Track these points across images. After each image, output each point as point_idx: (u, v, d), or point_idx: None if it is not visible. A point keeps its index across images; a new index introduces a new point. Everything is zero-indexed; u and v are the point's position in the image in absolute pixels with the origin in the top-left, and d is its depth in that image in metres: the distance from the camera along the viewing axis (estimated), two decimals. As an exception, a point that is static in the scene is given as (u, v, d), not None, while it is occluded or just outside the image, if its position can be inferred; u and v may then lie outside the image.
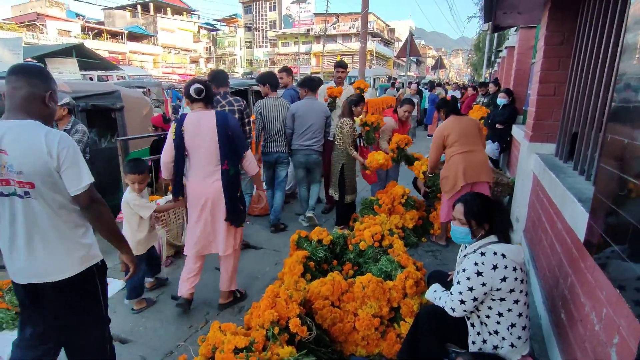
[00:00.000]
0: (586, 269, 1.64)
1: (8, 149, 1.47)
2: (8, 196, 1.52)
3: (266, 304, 2.05)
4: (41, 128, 1.52)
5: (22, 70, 1.58)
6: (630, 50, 1.29)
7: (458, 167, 3.49)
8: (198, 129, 2.56)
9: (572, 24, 3.01)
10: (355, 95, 4.29)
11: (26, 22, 35.68)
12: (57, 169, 1.51)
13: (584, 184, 2.16)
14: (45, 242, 1.58)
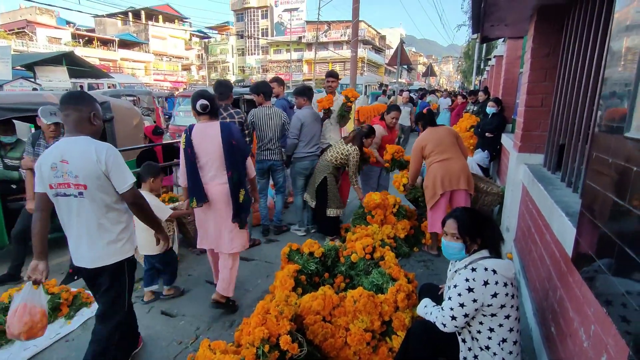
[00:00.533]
0: (574, 283, 1.65)
1: (68, 159, 1.89)
2: (68, 196, 1.93)
3: (256, 321, 2.02)
4: (91, 142, 1.93)
5: (70, 99, 1.96)
6: (612, 68, 1.31)
7: (436, 176, 3.63)
8: (204, 139, 2.76)
9: (558, 37, 3.07)
10: (367, 127, 4.37)
11: (15, 29, 35.39)
12: (106, 173, 1.91)
13: (572, 197, 2.19)
14: (89, 235, 1.98)
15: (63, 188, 1.91)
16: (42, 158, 1.93)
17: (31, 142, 3.38)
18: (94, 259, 2.01)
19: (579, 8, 2.58)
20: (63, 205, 1.95)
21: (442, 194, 3.61)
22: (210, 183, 2.82)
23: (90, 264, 2.01)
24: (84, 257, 2.02)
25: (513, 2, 3.03)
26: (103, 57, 37.49)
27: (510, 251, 3.55)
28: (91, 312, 2.99)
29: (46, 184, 1.93)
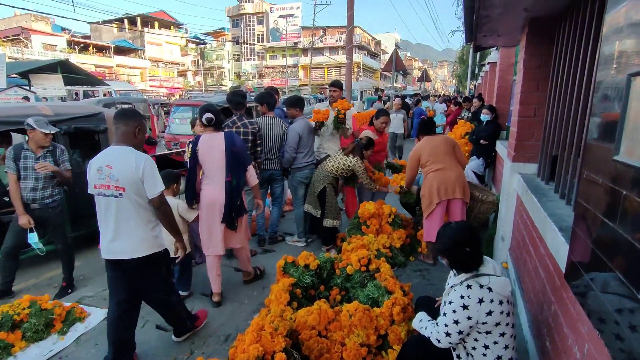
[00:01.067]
0: (568, 300, 1.65)
1: (112, 165, 2.23)
2: (108, 196, 2.25)
3: (251, 339, 2.01)
4: (133, 152, 2.28)
5: (122, 115, 2.34)
6: (601, 89, 1.32)
7: (432, 185, 3.65)
8: (209, 148, 3.12)
9: (549, 48, 3.10)
10: (366, 139, 4.38)
11: (10, 36, 35.28)
12: (142, 179, 2.24)
13: (565, 209, 2.20)
14: (126, 230, 2.30)
15: (103, 189, 2.25)
16: (91, 162, 2.30)
17: (13, 157, 3.24)
18: (132, 251, 2.32)
19: (570, 20, 2.61)
20: (102, 203, 2.29)
21: (438, 203, 3.62)
22: (214, 189, 3.15)
23: (129, 255, 2.32)
24: (123, 250, 2.32)
25: (504, 15, 3.05)
26: (99, 64, 37.43)
27: (506, 260, 3.55)
28: (85, 327, 2.97)
29: (91, 184, 2.28)
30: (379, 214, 4.19)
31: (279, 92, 5.47)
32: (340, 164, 4.15)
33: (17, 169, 3.24)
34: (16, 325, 2.75)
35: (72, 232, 4.09)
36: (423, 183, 3.81)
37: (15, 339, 2.67)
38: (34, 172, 3.26)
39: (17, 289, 3.62)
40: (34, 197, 3.29)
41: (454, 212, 3.68)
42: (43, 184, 3.32)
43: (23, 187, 3.27)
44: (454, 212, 3.68)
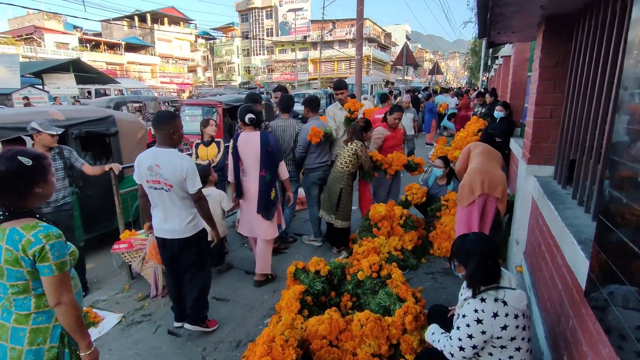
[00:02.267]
0: (588, 317, 1.59)
1: (160, 165, 2.61)
2: (159, 189, 2.67)
3: (262, 351, 2.00)
4: (176, 153, 2.68)
5: (158, 120, 2.68)
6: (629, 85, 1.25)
7: (476, 176, 3.51)
8: (247, 145, 3.51)
9: (567, 45, 2.98)
10: (363, 121, 4.33)
11: (24, 35, 35.81)
12: (185, 177, 2.63)
13: (583, 219, 2.12)
14: (174, 216, 2.73)
15: (155, 184, 2.66)
16: (140, 159, 2.69)
17: None
18: (178, 232, 2.75)
19: (590, 17, 2.50)
20: (155, 194, 2.72)
21: (480, 194, 3.50)
22: (251, 182, 3.56)
23: (178, 235, 2.75)
24: (173, 230, 2.75)
25: (520, 12, 2.95)
26: (110, 61, 37.80)
27: (520, 264, 3.48)
28: (98, 332, 3.00)
29: (143, 179, 2.69)
30: (390, 215, 4.14)
31: (287, 89, 5.45)
32: (346, 157, 4.10)
33: None
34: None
35: (85, 234, 4.15)
36: (466, 174, 3.67)
37: (30, 344, 2.71)
38: None
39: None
40: (47, 200, 3.32)
41: (489, 210, 3.57)
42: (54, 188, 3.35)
43: None
44: (489, 211, 3.58)
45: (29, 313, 1.58)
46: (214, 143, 4.38)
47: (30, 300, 1.59)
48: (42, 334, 1.59)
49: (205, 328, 2.99)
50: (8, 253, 1.50)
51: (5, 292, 1.58)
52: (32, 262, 1.51)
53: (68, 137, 4.02)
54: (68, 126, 4.02)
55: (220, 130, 6.68)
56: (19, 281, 1.55)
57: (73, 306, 1.60)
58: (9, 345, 1.56)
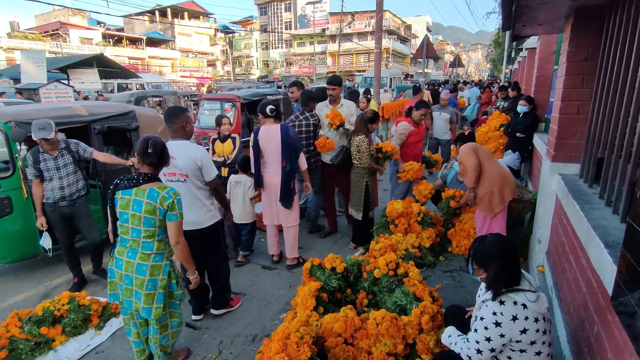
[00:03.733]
0: (614, 324, 1.53)
1: (176, 157, 2.70)
2: (175, 182, 2.77)
3: (277, 347, 2.01)
4: (190, 144, 2.81)
5: (169, 114, 2.80)
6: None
7: (504, 184, 3.44)
8: (268, 137, 3.65)
9: (597, 39, 2.85)
10: (371, 112, 4.23)
11: (50, 31, 36.83)
12: (200, 167, 2.77)
13: (611, 220, 2.03)
14: (192, 207, 2.81)
15: (170, 176, 2.78)
16: None
17: (32, 162, 3.32)
18: (197, 223, 2.85)
19: (622, 8, 2.38)
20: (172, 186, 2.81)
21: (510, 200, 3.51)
22: (272, 173, 3.73)
23: (198, 226, 2.86)
24: (193, 222, 2.82)
25: (547, 4, 2.83)
26: (132, 56, 38.51)
27: (542, 264, 3.38)
28: (119, 323, 3.07)
29: (161, 173, 2.67)
30: (408, 212, 4.09)
31: (303, 85, 5.42)
32: (353, 153, 4.05)
33: (40, 172, 3.34)
34: (56, 320, 2.89)
35: (106, 228, 4.25)
36: (490, 179, 3.47)
37: (55, 333, 2.81)
38: (57, 172, 3.38)
39: (56, 283, 3.83)
40: (63, 195, 3.41)
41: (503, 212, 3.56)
42: (68, 182, 3.43)
43: (50, 188, 3.38)
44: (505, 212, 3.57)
45: (150, 253, 2.23)
46: (229, 139, 4.41)
47: (154, 243, 2.24)
48: (157, 269, 2.25)
49: (230, 308, 3.23)
50: (148, 205, 2.15)
51: (139, 235, 2.21)
52: (165, 211, 2.18)
53: (90, 132, 4.12)
54: (91, 121, 4.12)
55: (238, 124, 6.72)
56: (151, 227, 2.20)
57: (185, 245, 2.30)
58: (134, 275, 2.21)
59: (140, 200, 2.15)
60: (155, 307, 2.24)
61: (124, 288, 2.26)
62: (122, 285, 2.27)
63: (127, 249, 2.24)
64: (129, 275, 2.22)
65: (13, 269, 4.15)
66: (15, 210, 3.62)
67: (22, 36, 34.61)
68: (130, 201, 2.17)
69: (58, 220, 3.49)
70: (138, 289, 2.22)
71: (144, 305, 2.22)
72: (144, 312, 2.24)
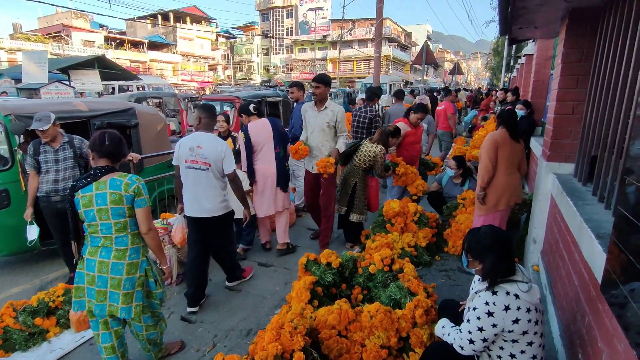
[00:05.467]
0: (604, 313, 1.55)
1: (203, 146, 2.97)
2: (196, 169, 2.99)
3: (270, 337, 2.01)
4: (216, 137, 3.09)
5: (205, 109, 3.09)
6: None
7: (505, 191, 3.41)
8: (259, 130, 3.92)
9: (592, 40, 2.90)
10: (393, 127, 4.38)
11: (52, 33, 37.00)
12: (222, 158, 3.00)
13: (603, 214, 2.06)
14: (209, 195, 3.04)
15: (193, 164, 2.98)
16: (183, 141, 3.04)
17: (32, 153, 3.33)
18: (212, 210, 3.05)
19: (615, 11, 2.42)
20: (191, 174, 3.01)
21: (503, 209, 3.47)
22: (267, 162, 3.94)
23: (208, 214, 3.05)
24: (204, 209, 3.04)
25: (543, 6, 2.88)
26: (133, 59, 38.66)
27: (537, 263, 3.40)
28: (114, 316, 3.06)
29: (182, 159, 3.01)
30: (404, 212, 4.11)
31: (304, 86, 5.45)
32: (366, 155, 4.08)
33: (38, 164, 3.35)
34: (51, 312, 2.89)
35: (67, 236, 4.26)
36: (493, 183, 3.43)
37: (50, 324, 2.81)
38: (55, 165, 3.38)
39: (52, 277, 3.82)
40: (56, 188, 3.39)
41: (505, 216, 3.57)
42: (64, 176, 3.42)
43: (45, 180, 3.37)
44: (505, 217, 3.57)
45: (125, 248, 2.15)
46: (230, 137, 4.43)
47: (128, 237, 2.17)
48: (134, 267, 2.18)
49: (243, 279, 3.60)
50: (113, 195, 2.08)
51: (110, 231, 2.12)
52: (132, 197, 2.11)
53: (90, 127, 4.14)
54: (90, 117, 4.14)
55: (237, 124, 6.76)
56: (121, 218, 2.11)
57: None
58: (109, 275, 2.12)
59: (103, 192, 2.08)
60: (134, 306, 2.17)
61: (95, 292, 2.13)
62: (92, 289, 2.13)
63: (100, 249, 2.14)
64: (103, 276, 2.11)
65: (9, 263, 4.15)
66: (12, 203, 3.63)
67: (24, 38, 34.76)
68: (92, 197, 2.08)
69: (52, 215, 3.46)
70: (115, 289, 2.12)
71: (122, 306, 2.13)
72: (123, 312, 2.14)
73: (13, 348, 2.64)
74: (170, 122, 9.70)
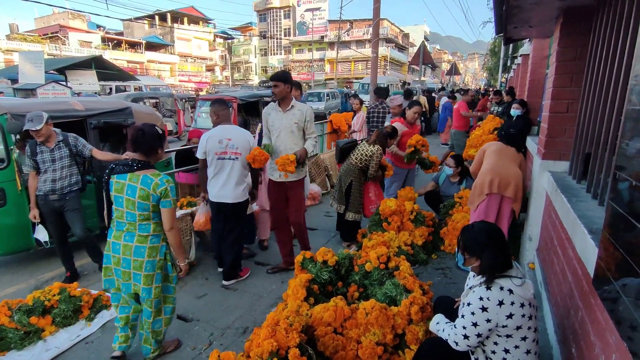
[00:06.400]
0: (596, 306, 1.56)
1: (232, 138, 3.29)
2: (225, 159, 3.30)
3: (266, 333, 2.02)
4: (240, 128, 3.51)
5: (218, 102, 3.43)
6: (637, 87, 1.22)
7: (486, 176, 3.48)
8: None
9: (585, 39, 2.91)
10: (390, 127, 4.40)
11: (49, 33, 36.88)
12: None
13: (596, 210, 2.07)
14: (236, 183, 3.35)
15: (223, 155, 3.28)
16: (211, 134, 3.30)
17: (30, 154, 3.35)
18: (235, 197, 3.36)
19: (608, 9, 2.44)
20: (219, 164, 3.31)
21: (488, 194, 3.44)
22: None
23: (233, 200, 3.36)
24: (228, 196, 3.34)
25: (537, 5, 2.90)
26: (131, 60, 38.58)
27: (533, 261, 3.42)
28: (110, 314, 3.07)
29: (211, 151, 3.28)
30: (401, 210, 4.12)
31: (301, 85, 5.46)
32: (362, 155, 4.10)
33: (36, 164, 3.36)
34: (47, 311, 2.88)
35: (101, 222, 4.25)
36: (479, 174, 3.60)
37: (45, 323, 2.80)
38: (52, 165, 3.38)
39: (48, 277, 3.81)
40: (53, 188, 3.40)
41: (504, 212, 3.51)
42: (61, 175, 3.43)
43: (43, 179, 3.38)
44: (504, 213, 3.51)
45: (147, 234, 2.34)
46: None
47: (150, 225, 2.35)
48: (155, 250, 2.37)
49: (240, 278, 3.65)
50: (142, 191, 2.26)
51: (134, 219, 2.31)
52: (159, 198, 2.29)
53: (87, 126, 4.14)
54: (87, 116, 4.14)
55: (235, 122, 6.76)
56: (145, 212, 2.30)
57: (178, 231, 2.46)
58: (132, 258, 2.32)
59: (134, 185, 2.25)
60: (154, 287, 2.38)
61: (121, 272, 2.35)
62: (118, 270, 2.36)
63: (124, 233, 2.33)
64: (126, 258, 2.32)
65: (5, 262, 4.14)
66: (8, 202, 3.62)
67: (21, 38, 34.66)
68: (124, 185, 2.27)
69: (50, 214, 3.48)
70: (137, 271, 2.33)
71: (144, 286, 2.34)
72: (144, 292, 2.36)
73: (8, 347, 2.63)
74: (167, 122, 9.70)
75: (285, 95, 3.50)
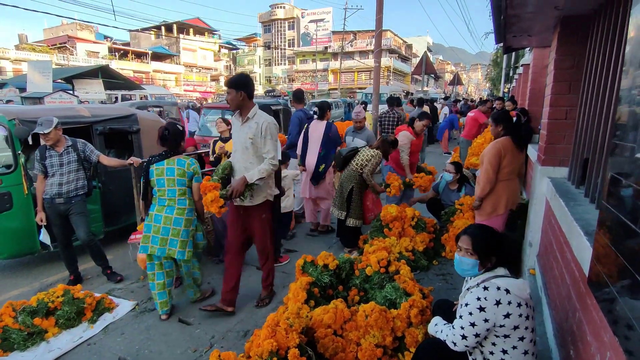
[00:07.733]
0: (592, 306, 1.58)
1: None
2: None
3: (266, 334, 2.04)
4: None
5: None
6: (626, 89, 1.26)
7: (502, 195, 3.43)
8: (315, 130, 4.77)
9: (582, 47, 2.97)
10: (393, 137, 4.53)
11: (57, 44, 37.49)
12: None
13: (594, 214, 2.09)
14: None
15: None
16: None
17: (39, 158, 3.45)
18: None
19: (604, 18, 2.50)
20: None
21: (502, 214, 3.48)
22: (311, 156, 4.69)
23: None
24: None
25: (534, 14, 2.96)
26: (137, 70, 39.07)
27: (533, 267, 3.42)
28: (112, 317, 3.10)
29: None
30: (402, 217, 4.14)
31: (303, 95, 5.59)
32: (363, 159, 4.15)
33: (44, 168, 3.45)
34: (50, 312, 2.91)
35: (105, 226, 4.31)
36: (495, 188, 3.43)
37: (48, 325, 2.84)
38: (60, 169, 3.46)
39: (52, 280, 3.85)
40: (60, 191, 3.47)
41: None
42: (68, 179, 3.50)
43: (50, 183, 3.47)
44: None
45: (184, 207, 3.05)
46: (231, 140, 4.52)
47: (186, 200, 3.06)
48: (189, 222, 3.09)
49: (278, 264, 3.94)
50: (179, 170, 3.00)
51: (174, 195, 3.01)
52: (192, 174, 3.05)
53: (93, 132, 4.21)
54: (93, 122, 4.22)
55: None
56: (182, 186, 3.02)
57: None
58: (171, 227, 2.99)
59: (172, 167, 2.99)
60: (187, 251, 3.06)
61: (159, 239, 2.97)
62: (157, 237, 2.97)
63: (166, 207, 3.01)
64: (166, 227, 2.98)
65: (9, 265, 4.19)
66: (15, 206, 3.68)
67: (30, 48, 35.24)
68: (164, 170, 2.99)
69: (55, 217, 3.54)
70: (174, 237, 2.98)
71: (179, 250, 3.00)
72: (179, 254, 3.01)
73: (11, 348, 2.66)
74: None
75: (240, 104, 2.92)
